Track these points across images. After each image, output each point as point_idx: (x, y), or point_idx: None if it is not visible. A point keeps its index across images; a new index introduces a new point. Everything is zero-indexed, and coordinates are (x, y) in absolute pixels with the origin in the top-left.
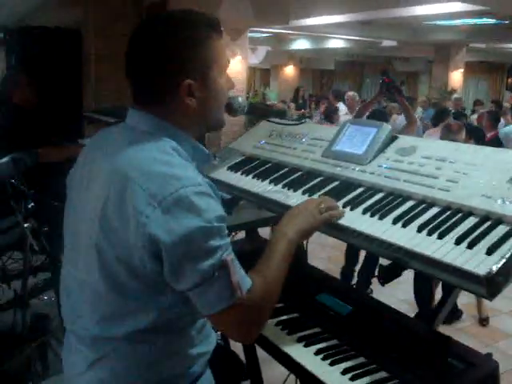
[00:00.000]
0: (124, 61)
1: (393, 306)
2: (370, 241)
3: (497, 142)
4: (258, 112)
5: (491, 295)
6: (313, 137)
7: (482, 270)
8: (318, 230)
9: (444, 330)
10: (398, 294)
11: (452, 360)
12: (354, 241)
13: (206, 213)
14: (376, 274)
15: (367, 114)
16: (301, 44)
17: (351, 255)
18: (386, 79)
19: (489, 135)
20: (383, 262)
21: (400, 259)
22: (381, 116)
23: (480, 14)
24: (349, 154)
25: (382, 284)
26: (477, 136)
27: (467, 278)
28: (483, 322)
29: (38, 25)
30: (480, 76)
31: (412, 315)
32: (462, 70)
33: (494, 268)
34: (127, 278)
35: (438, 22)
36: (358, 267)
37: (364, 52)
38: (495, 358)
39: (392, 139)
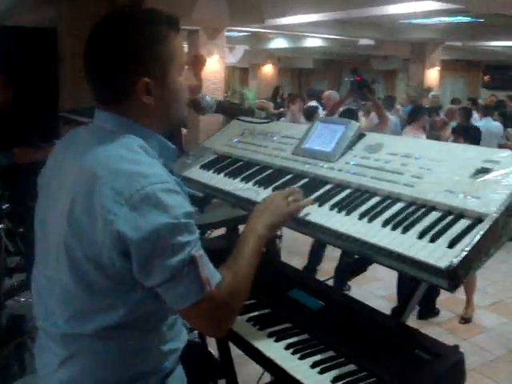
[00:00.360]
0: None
1: (370, 303)
2: (337, 236)
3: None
4: (227, 111)
5: (452, 288)
6: (284, 135)
7: (443, 263)
8: (287, 224)
9: (421, 324)
10: (376, 291)
11: (419, 352)
12: (322, 236)
13: (173, 209)
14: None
15: (338, 112)
16: (279, 43)
17: (314, 254)
18: (357, 78)
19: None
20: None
21: (365, 254)
22: (351, 115)
23: (455, 13)
24: (318, 151)
25: (349, 279)
26: (473, 136)
27: (429, 271)
28: (464, 320)
29: (13, 25)
30: (457, 74)
31: (388, 311)
32: (439, 68)
33: (455, 261)
34: (97, 275)
35: (414, 21)
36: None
37: (342, 51)
38: (473, 352)
39: (360, 136)
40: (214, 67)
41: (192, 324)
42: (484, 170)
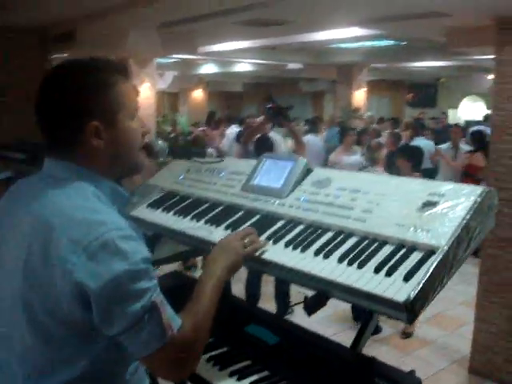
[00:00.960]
0: (35, 92)
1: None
2: (294, 273)
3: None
4: (180, 154)
5: (411, 320)
6: (231, 171)
7: (401, 297)
8: (244, 264)
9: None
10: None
11: (378, 380)
12: (279, 274)
13: (131, 256)
14: (302, 305)
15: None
16: (208, 68)
17: (252, 292)
18: (272, 105)
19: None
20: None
21: (324, 290)
22: (266, 143)
23: (379, 37)
24: (267, 187)
25: (309, 314)
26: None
27: (388, 305)
28: (405, 335)
29: None
30: (382, 93)
31: (332, 334)
32: (365, 89)
33: (412, 294)
34: (57, 328)
35: (340, 45)
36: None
37: (271, 74)
38: (417, 366)
39: (307, 172)
40: (146, 94)
41: (154, 370)
42: (431, 203)
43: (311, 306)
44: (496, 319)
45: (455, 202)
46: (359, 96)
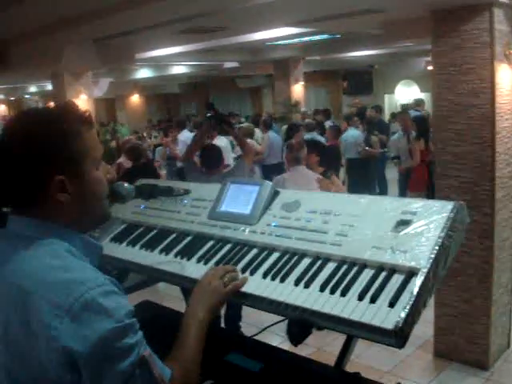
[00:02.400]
0: None
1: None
2: (277, 305)
3: (335, 150)
4: (146, 194)
5: (401, 345)
6: (194, 197)
7: (389, 324)
8: (225, 302)
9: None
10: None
11: None
12: (260, 306)
13: (115, 312)
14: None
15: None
16: (144, 73)
17: (230, 321)
18: (214, 113)
19: (328, 143)
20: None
21: (308, 320)
22: (212, 152)
23: (314, 33)
24: (235, 214)
25: (295, 345)
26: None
27: (377, 333)
28: None
29: None
30: (318, 84)
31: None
32: (303, 83)
33: (400, 320)
34: None
35: (277, 42)
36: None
37: (207, 74)
38: (383, 356)
39: (275, 194)
40: (83, 106)
41: None
42: (404, 222)
43: (297, 337)
44: (455, 302)
45: (428, 220)
46: (297, 89)
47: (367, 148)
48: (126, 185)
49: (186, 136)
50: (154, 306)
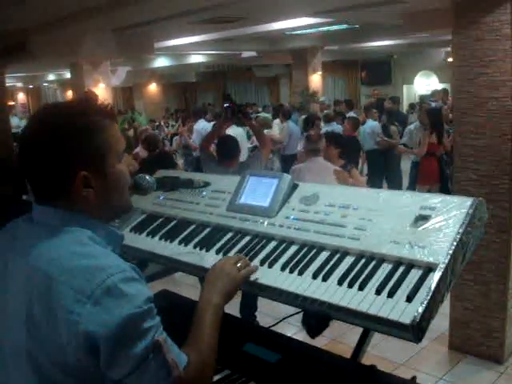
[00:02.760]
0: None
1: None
2: (294, 297)
3: (355, 142)
4: (167, 186)
5: (418, 339)
6: (213, 189)
7: (406, 319)
8: (242, 289)
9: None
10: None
11: None
12: (278, 298)
13: (135, 298)
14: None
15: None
16: (162, 62)
17: (247, 308)
18: (231, 104)
19: (346, 134)
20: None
21: (325, 313)
22: (229, 142)
23: (333, 24)
24: (254, 206)
25: (313, 337)
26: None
27: (394, 327)
28: None
29: None
30: (336, 74)
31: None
32: (321, 73)
33: (417, 316)
34: (63, 377)
35: (295, 32)
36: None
37: (225, 63)
38: (398, 348)
39: (293, 188)
40: (101, 95)
41: None
42: (423, 218)
43: (314, 329)
44: (471, 295)
45: (447, 216)
46: (315, 79)
47: (386, 138)
48: (147, 177)
49: (201, 126)
50: (172, 296)
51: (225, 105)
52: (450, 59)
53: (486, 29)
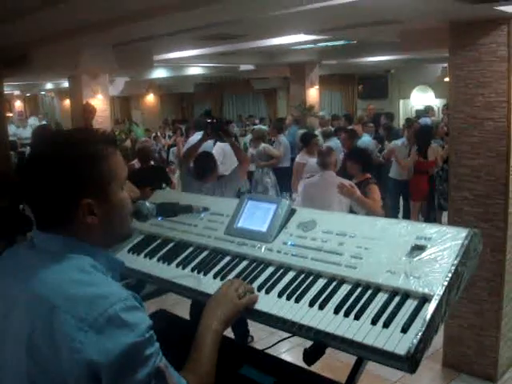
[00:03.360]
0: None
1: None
2: (291, 325)
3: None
4: (167, 213)
5: (412, 371)
6: (211, 212)
7: (401, 350)
8: (240, 315)
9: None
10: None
11: None
12: (275, 325)
13: (137, 327)
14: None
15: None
16: (160, 73)
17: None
18: (212, 121)
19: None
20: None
21: (322, 341)
22: (206, 159)
23: (330, 40)
24: (252, 231)
25: (309, 365)
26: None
27: (389, 357)
28: None
29: None
30: (333, 87)
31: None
32: (318, 87)
33: (412, 347)
34: None
35: (293, 47)
36: None
37: (223, 75)
38: None
39: (291, 213)
40: (100, 107)
41: None
42: (419, 248)
43: (311, 357)
44: (465, 314)
45: (443, 247)
46: (312, 93)
47: (378, 155)
48: (147, 204)
49: (194, 138)
50: (169, 316)
51: (207, 120)
52: (447, 79)
53: (483, 50)
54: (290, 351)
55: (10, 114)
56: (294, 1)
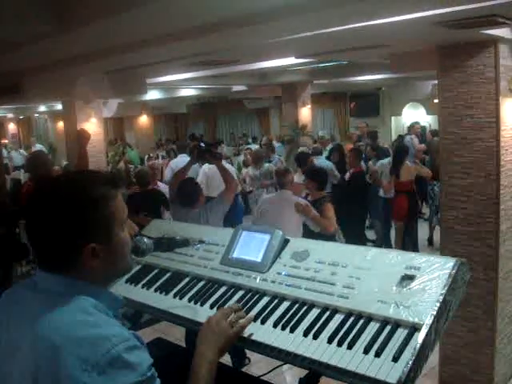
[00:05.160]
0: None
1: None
2: (286, 354)
3: (361, 177)
4: (164, 247)
5: None
6: (207, 242)
7: (393, 379)
8: (235, 343)
9: None
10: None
11: None
12: (270, 354)
13: (139, 367)
14: None
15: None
16: (153, 95)
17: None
18: (199, 145)
19: (352, 170)
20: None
21: (315, 370)
22: (188, 186)
23: (322, 62)
24: (247, 261)
25: None
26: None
27: None
28: None
29: None
30: (325, 105)
31: None
32: (310, 106)
33: (403, 376)
34: None
35: (285, 69)
36: None
37: (215, 95)
38: None
39: (285, 243)
40: (93, 130)
41: None
42: (409, 277)
43: None
44: (460, 332)
45: (431, 276)
46: (305, 112)
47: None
48: (145, 240)
49: (176, 161)
50: (167, 344)
51: (193, 145)
52: (436, 100)
53: (471, 72)
54: (287, 373)
55: (6, 141)
56: (286, 29)
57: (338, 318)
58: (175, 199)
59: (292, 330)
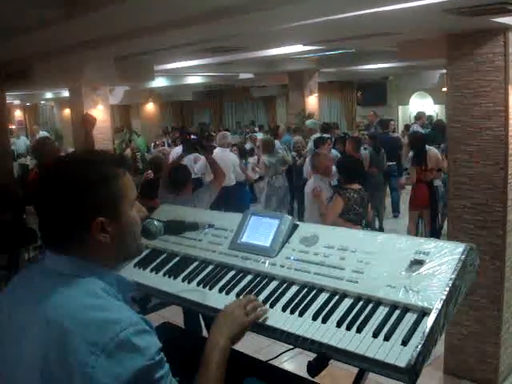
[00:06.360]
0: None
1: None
2: (295, 338)
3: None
4: (174, 230)
5: (412, 382)
6: (216, 227)
7: (402, 362)
8: (247, 331)
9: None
10: None
11: None
12: (279, 338)
13: (147, 351)
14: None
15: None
16: (159, 82)
17: None
18: (188, 137)
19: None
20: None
21: (324, 353)
22: (180, 171)
23: (329, 50)
24: (256, 246)
25: (312, 376)
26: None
27: (390, 369)
28: None
29: None
30: (332, 94)
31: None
32: (317, 95)
33: (412, 359)
34: None
35: (292, 57)
36: None
37: (221, 83)
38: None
39: (294, 228)
40: (100, 117)
41: None
42: (417, 262)
43: (314, 369)
44: (466, 321)
45: (440, 261)
46: (312, 101)
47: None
48: (155, 222)
49: (176, 150)
50: (174, 328)
51: (182, 137)
52: (445, 89)
53: (480, 60)
54: (293, 359)
55: (13, 127)
56: (296, 15)
57: (347, 302)
58: (164, 185)
59: (301, 314)
